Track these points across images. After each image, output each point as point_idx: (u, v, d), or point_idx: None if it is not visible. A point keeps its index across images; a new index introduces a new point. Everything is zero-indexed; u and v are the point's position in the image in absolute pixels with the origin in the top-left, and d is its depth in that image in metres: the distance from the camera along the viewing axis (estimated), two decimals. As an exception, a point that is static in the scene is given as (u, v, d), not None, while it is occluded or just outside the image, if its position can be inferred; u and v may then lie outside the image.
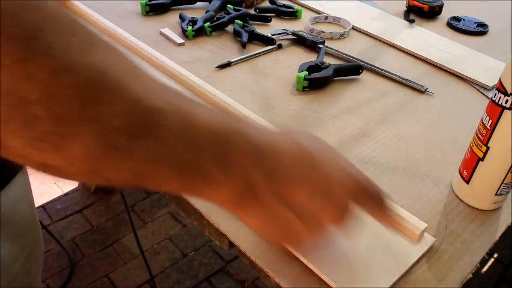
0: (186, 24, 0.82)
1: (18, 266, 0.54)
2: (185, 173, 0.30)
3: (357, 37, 0.89)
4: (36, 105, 0.23)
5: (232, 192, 0.33)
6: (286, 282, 0.41)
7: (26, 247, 0.56)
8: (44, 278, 1.39)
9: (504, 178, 0.48)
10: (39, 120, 0.23)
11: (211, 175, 0.32)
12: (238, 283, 1.45)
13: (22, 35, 0.22)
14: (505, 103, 0.44)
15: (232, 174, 0.33)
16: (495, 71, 0.79)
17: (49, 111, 0.23)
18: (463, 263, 0.44)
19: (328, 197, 0.36)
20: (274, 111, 0.64)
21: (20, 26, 0.22)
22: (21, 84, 0.22)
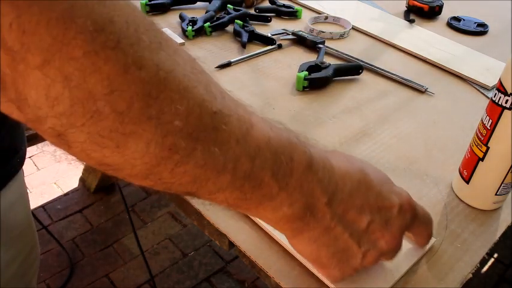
0: (186, 24, 0.82)
1: (12, 270, 0.53)
2: (242, 184, 0.29)
3: (357, 37, 0.89)
4: (101, 100, 0.23)
5: (290, 210, 0.32)
6: (286, 282, 0.41)
7: (21, 252, 0.55)
8: (44, 278, 1.39)
9: (504, 178, 0.48)
10: (103, 115, 0.23)
11: (271, 190, 0.31)
12: (238, 283, 1.45)
13: (93, 26, 0.22)
14: (505, 103, 0.44)
15: (291, 190, 0.31)
16: (495, 71, 0.79)
17: (113, 106, 0.23)
18: (463, 263, 0.44)
19: (387, 222, 0.36)
20: (274, 111, 0.64)
21: (92, 18, 0.22)
22: (89, 78, 0.22)
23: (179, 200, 0.52)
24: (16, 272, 0.54)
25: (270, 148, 0.30)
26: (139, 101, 0.24)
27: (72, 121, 0.23)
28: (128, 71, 0.23)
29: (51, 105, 0.22)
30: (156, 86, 0.24)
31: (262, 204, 0.31)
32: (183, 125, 0.25)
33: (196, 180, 0.28)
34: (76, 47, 0.22)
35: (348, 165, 0.36)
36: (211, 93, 0.27)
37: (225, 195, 0.30)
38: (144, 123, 0.24)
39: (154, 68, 0.24)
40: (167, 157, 0.26)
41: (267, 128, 0.31)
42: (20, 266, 0.55)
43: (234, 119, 0.28)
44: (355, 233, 0.35)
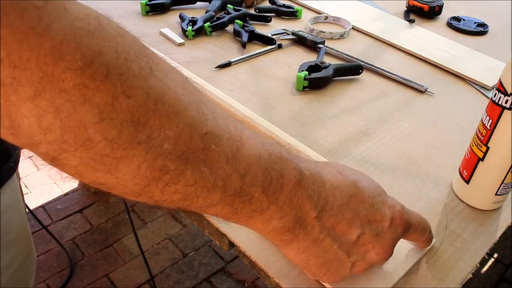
0: (186, 24, 0.82)
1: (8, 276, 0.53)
2: (232, 200, 0.30)
3: (357, 37, 0.89)
4: (91, 128, 0.24)
5: (280, 223, 0.33)
6: (286, 282, 0.41)
7: (16, 257, 0.55)
8: (44, 278, 1.39)
9: (504, 178, 0.48)
10: (94, 142, 0.24)
11: (260, 204, 0.31)
12: (238, 283, 1.45)
13: (81, 60, 0.22)
14: (505, 103, 0.44)
15: (281, 204, 0.32)
16: (495, 71, 0.79)
17: (104, 134, 0.24)
18: (463, 263, 0.44)
19: (378, 235, 0.36)
20: (274, 111, 0.64)
21: (80, 51, 0.22)
22: (79, 108, 0.23)
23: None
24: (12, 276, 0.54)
25: (260, 165, 0.31)
26: (129, 128, 0.24)
27: (65, 148, 0.24)
28: (117, 100, 0.24)
29: (44, 133, 0.23)
30: (145, 113, 0.25)
31: (252, 217, 0.32)
32: (173, 147, 0.26)
33: (186, 198, 0.29)
34: (66, 80, 0.22)
35: (339, 179, 0.36)
36: (203, 114, 0.28)
37: (216, 210, 0.31)
38: (134, 148, 0.25)
39: (144, 95, 0.25)
40: (157, 178, 0.27)
41: (258, 145, 0.31)
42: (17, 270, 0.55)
43: (225, 139, 0.29)
44: (345, 245, 0.36)
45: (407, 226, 0.38)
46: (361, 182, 0.37)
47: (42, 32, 0.22)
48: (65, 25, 0.22)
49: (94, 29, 0.24)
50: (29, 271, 0.60)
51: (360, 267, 0.37)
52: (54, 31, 0.22)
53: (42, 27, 0.22)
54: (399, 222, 0.37)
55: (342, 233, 0.35)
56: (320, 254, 0.36)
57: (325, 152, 0.57)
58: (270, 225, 0.33)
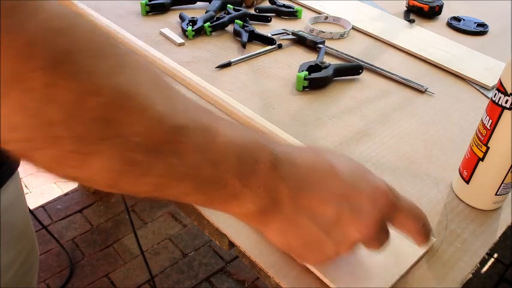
0: (186, 24, 0.82)
1: (13, 271, 0.53)
2: (206, 187, 0.31)
3: (357, 37, 0.89)
4: (59, 126, 0.24)
5: (255, 206, 0.33)
6: (286, 282, 0.41)
7: (20, 253, 0.55)
8: (44, 278, 1.39)
9: (504, 178, 0.48)
10: (62, 139, 0.24)
11: (234, 189, 0.32)
12: (238, 283, 1.45)
13: (51, 59, 0.23)
14: (505, 103, 0.44)
15: (255, 188, 0.32)
16: (495, 71, 0.79)
17: (71, 131, 0.24)
18: (463, 263, 0.44)
19: (356, 210, 0.35)
20: (274, 111, 0.64)
21: (50, 51, 0.23)
22: (46, 107, 0.23)
23: (179, 200, 0.52)
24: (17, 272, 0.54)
25: (234, 151, 0.31)
26: (97, 125, 0.25)
27: (33, 145, 0.24)
28: (83, 99, 0.24)
29: (12, 132, 0.24)
30: (114, 110, 0.25)
31: (227, 202, 0.33)
32: (142, 141, 0.26)
33: (158, 188, 0.29)
34: (34, 79, 0.22)
35: (314, 159, 0.36)
36: (173, 108, 0.28)
37: (191, 198, 0.32)
38: (103, 144, 0.25)
39: (112, 92, 0.25)
40: (127, 171, 0.27)
41: (233, 133, 0.32)
42: (21, 267, 0.55)
43: (196, 130, 0.29)
44: (322, 223, 0.35)
45: (393, 204, 0.36)
46: (338, 161, 0.37)
47: (13, 31, 0.22)
48: (36, 25, 0.22)
49: (65, 28, 0.24)
50: (34, 266, 0.60)
51: (343, 246, 0.36)
52: (25, 30, 0.22)
53: (13, 27, 0.22)
54: (381, 197, 0.35)
55: (317, 210, 0.35)
56: (299, 234, 0.35)
57: (325, 152, 0.57)
58: (245, 208, 0.33)
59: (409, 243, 0.44)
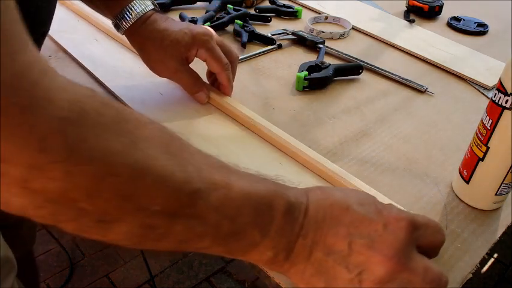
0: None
1: None
2: (225, 241, 0.32)
3: (357, 37, 0.89)
4: (81, 202, 0.25)
5: (274, 252, 0.34)
6: (286, 282, 0.41)
7: None
8: (44, 278, 1.39)
9: (504, 178, 0.48)
10: (86, 212, 0.26)
11: (253, 239, 0.33)
12: (238, 283, 1.45)
13: (67, 150, 0.24)
14: (505, 103, 0.44)
15: (273, 235, 0.33)
16: (495, 71, 0.79)
17: (93, 207, 0.26)
18: (463, 263, 0.44)
19: (374, 243, 0.33)
20: (274, 111, 0.64)
21: (65, 142, 0.24)
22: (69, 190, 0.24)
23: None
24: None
25: (250, 204, 0.32)
26: (117, 200, 0.26)
27: (57, 219, 0.26)
28: (103, 180, 0.25)
29: (35, 209, 0.25)
30: (132, 187, 0.26)
31: (247, 253, 0.34)
32: (162, 208, 0.28)
33: (178, 246, 0.31)
34: (53, 170, 0.24)
35: (319, 195, 0.36)
36: (188, 173, 0.29)
37: (211, 250, 0.33)
38: (124, 214, 0.27)
39: (129, 171, 0.26)
40: (148, 234, 0.28)
41: (246, 185, 0.33)
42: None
43: (212, 190, 0.30)
44: (339, 258, 0.34)
45: (413, 227, 0.35)
46: (344, 193, 0.37)
47: (27, 129, 0.22)
48: (49, 119, 0.23)
49: (77, 116, 0.24)
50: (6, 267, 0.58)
51: (368, 281, 0.33)
52: (39, 126, 0.23)
53: (28, 125, 0.22)
54: (397, 224, 0.34)
55: (331, 245, 0.34)
56: (319, 273, 0.34)
57: (325, 152, 0.57)
58: (265, 256, 0.34)
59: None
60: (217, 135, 0.57)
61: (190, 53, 0.58)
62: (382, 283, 0.33)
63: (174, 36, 0.57)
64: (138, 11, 0.57)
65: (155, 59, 0.59)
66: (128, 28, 0.59)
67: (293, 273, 0.36)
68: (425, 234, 0.36)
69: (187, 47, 0.57)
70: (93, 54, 0.71)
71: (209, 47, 0.57)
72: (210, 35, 0.58)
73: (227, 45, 0.61)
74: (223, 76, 0.60)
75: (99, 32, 0.78)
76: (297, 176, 0.52)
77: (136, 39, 0.60)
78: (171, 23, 0.59)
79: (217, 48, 0.58)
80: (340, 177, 0.50)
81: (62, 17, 0.81)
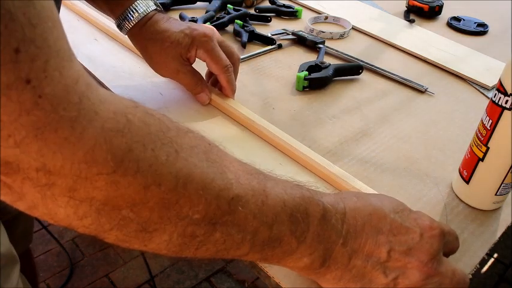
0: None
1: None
2: (262, 248, 0.32)
3: (357, 37, 0.89)
4: (126, 210, 0.26)
5: (311, 259, 0.34)
6: (286, 282, 0.41)
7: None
8: (44, 278, 1.39)
9: (504, 178, 0.48)
10: (129, 221, 0.26)
11: (290, 246, 0.33)
12: (238, 283, 1.45)
13: (113, 161, 0.24)
14: (505, 103, 0.44)
15: (309, 242, 0.33)
16: (495, 71, 0.79)
17: (137, 214, 0.26)
18: (462, 263, 0.44)
19: (412, 251, 0.35)
20: (274, 111, 0.64)
21: (112, 152, 0.24)
22: (114, 199, 0.25)
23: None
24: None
25: (286, 211, 0.32)
26: (160, 208, 0.26)
27: (100, 228, 0.26)
28: (148, 189, 0.26)
29: (80, 219, 0.25)
30: (175, 195, 0.27)
31: (283, 259, 0.34)
32: (202, 216, 0.28)
33: (217, 253, 0.31)
34: (99, 180, 0.24)
35: (357, 202, 0.37)
36: (228, 180, 0.30)
37: (247, 257, 0.33)
38: (166, 223, 0.27)
39: (173, 180, 0.27)
40: (188, 242, 0.29)
41: (281, 191, 0.33)
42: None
43: (250, 197, 0.31)
44: (378, 264, 0.35)
45: (443, 235, 0.37)
46: (379, 200, 0.37)
47: (75, 141, 0.23)
48: (96, 130, 0.24)
49: (123, 127, 0.25)
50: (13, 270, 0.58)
51: (403, 284, 0.35)
52: (86, 138, 0.23)
53: (75, 137, 0.23)
54: (431, 233, 0.36)
55: (370, 252, 0.35)
56: (356, 279, 0.35)
57: (325, 152, 0.57)
58: (301, 263, 0.34)
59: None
60: (217, 135, 0.57)
61: (190, 54, 0.58)
62: (416, 287, 0.35)
63: (174, 38, 0.57)
64: (141, 12, 0.57)
65: (157, 61, 0.59)
66: (131, 29, 0.59)
67: (328, 279, 0.36)
68: (449, 241, 0.38)
69: (187, 48, 0.57)
70: (93, 54, 0.71)
71: (208, 48, 0.57)
72: (210, 36, 0.58)
73: (229, 46, 0.61)
74: (223, 78, 0.59)
75: (99, 32, 0.78)
76: (297, 176, 0.52)
77: (139, 41, 0.60)
78: (173, 24, 0.58)
79: (217, 50, 0.58)
80: (339, 178, 0.50)
81: (62, 17, 0.81)
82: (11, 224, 0.60)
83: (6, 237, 0.58)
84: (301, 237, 0.33)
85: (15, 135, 0.21)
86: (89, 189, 0.24)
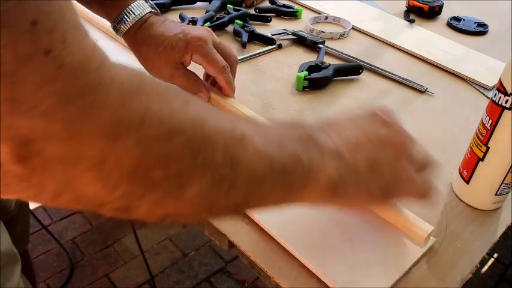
0: (186, 24, 0.82)
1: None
2: (283, 177, 0.34)
3: (357, 37, 0.89)
4: (155, 169, 0.26)
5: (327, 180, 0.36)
6: (286, 283, 0.41)
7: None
8: (44, 278, 1.39)
9: (504, 178, 0.48)
10: (160, 180, 0.27)
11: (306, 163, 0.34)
12: (238, 283, 1.45)
13: (137, 118, 0.25)
14: (505, 103, 0.44)
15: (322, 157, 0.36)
16: (495, 71, 0.78)
17: (166, 170, 0.27)
18: (463, 263, 0.44)
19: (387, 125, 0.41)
20: (274, 111, 0.64)
21: (134, 111, 0.25)
22: (142, 159, 0.25)
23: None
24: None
25: (287, 135, 0.35)
26: (187, 158, 0.27)
27: (134, 196, 0.26)
28: (172, 139, 0.27)
29: (110, 192, 0.26)
30: (198, 140, 0.28)
31: (306, 186, 0.35)
32: (223, 157, 0.29)
33: (246, 197, 0.32)
34: (127, 141, 0.25)
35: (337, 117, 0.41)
36: (231, 122, 0.32)
37: (272, 198, 0.35)
38: (195, 172, 0.28)
39: (192, 125, 0.28)
40: (218, 190, 0.30)
41: (275, 127, 0.36)
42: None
43: (253, 132, 0.33)
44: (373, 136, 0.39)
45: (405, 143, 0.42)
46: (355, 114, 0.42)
47: (99, 104, 0.24)
48: (116, 93, 0.25)
49: (138, 87, 0.26)
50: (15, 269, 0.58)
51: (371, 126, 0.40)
52: (109, 101, 0.24)
53: (99, 101, 0.24)
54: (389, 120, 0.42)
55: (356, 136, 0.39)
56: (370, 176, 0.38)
57: (325, 152, 0.57)
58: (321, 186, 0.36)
59: (408, 243, 0.45)
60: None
61: (185, 58, 0.58)
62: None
63: (168, 42, 0.57)
64: (137, 14, 0.57)
65: (151, 66, 0.59)
66: (126, 31, 0.59)
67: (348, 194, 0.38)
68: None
69: (181, 53, 0.57)
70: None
71: (203, 53, 0.57)
72: (204, 39, 0.58)
73: (226, 46, 0.61)
74: (221, 79, 0.59)
75: (99, 32, 0.78)
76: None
77: (134, 45, 0.60)
78: (167, 27, 0.58)
79: (213, 52, 0.58)
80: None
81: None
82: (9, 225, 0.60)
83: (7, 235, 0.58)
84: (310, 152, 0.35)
85: (40, 105, 0.22)
86: (118, 154, 0.24)
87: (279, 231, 0.44)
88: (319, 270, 0.41)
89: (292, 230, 0.45)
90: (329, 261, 0.42)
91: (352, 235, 0.45)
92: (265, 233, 0.45)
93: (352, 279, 0.41)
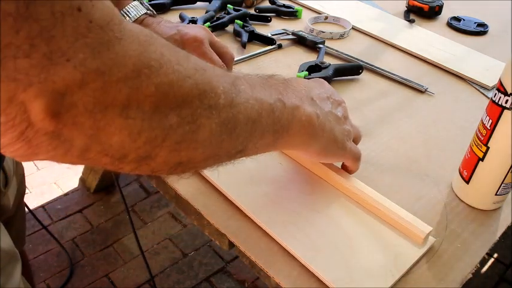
0: (186, 24, 0.82)
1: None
2: (272, 111, 0.37)
3: (357, 37, 0.89)
4: (171, 115, 0.29)
5: (308, 117, 0.40)
6: (286, 283, 0.41)
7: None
8: (44, 278, 1.39)
9: (504, 178, 0.48)
10: (175, 124, 0.29)
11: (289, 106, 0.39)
12: (238, 283, 1.45)
13: (154, 62, 0.28)
14: (505, 103, 0.44)
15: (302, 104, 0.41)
16: (495, 71, 0.79)
17: (179, 114, 0.29)
18: (463, 263, 0.44)
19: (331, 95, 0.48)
20: (274, 111, 0.64)
21: (151, 57, 0.28)
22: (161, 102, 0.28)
23: (179, 200, 0.52)
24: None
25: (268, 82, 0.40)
26: (197, 101, 0.30)
27: (154, 143, 0.29)
28: (185, 82, 0.29)
29: (134, 140, 0.28)
30: (204, 84, 0.31)
31: (289, 128, 0.39)
32: (225, 99, 0.32)
33: (249, 136, 0.36)
34: (149, 86, 0.27)
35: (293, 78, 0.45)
36: (221, 71, 0.35)
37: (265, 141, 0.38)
38: (206, 115, 0.31)
39: (197, 70, 0.31)
40: (225, 129, 0.33)
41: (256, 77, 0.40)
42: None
43: (239, 77, 0.36)
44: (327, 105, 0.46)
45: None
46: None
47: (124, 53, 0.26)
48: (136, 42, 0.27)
49: (150, 37, 0.29)
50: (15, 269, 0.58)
51: None
52: (132, 50, 0.27)
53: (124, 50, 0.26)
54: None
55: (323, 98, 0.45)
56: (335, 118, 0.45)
57: (325, 152, 0.57)
58: (302, 124, 0.40)
59: (408, 243, 0.45)
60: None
61: None
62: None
63: None
64: (132, 15, 0.58)
65: None
66: None
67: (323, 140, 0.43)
68: None
69: None
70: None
71: (200, 53, 0.57)
72: (200, 40, 0.58)
73: (223, 45, 0.61)
74: None
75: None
76: (297, 176, 0.52)
77: None
78: (163, 28, 0.58)
79: (210, 52, 0.58)
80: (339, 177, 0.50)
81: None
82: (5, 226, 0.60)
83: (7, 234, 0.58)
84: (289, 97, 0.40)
85: (75, 57, 0.24)
86: (140, 99, 0.27)
87: (279, 231, 0.44)
88: (319, 270, 0.41)
89: (292, 230, 0.45)
90: (329, 261, 0.42)
91: (352, 235, 0.45)
92: (265, 233, 0.45)
93: (352, 279, 0.41)
